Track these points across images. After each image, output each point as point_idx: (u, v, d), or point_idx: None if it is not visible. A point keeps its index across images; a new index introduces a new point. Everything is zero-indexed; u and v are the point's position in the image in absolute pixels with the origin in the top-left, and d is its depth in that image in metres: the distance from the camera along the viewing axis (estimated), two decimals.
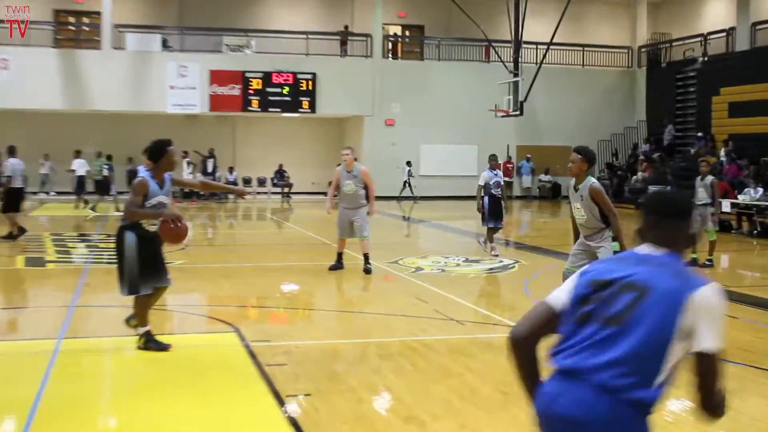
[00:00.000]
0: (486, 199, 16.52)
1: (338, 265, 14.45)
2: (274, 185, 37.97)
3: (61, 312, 10.76)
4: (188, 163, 34.11)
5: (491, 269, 15.14)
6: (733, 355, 8.54)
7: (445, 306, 11.21)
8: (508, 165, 37.57)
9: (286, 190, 37.55)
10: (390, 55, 38.39)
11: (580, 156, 9.12)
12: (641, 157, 35.37)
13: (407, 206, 32.96)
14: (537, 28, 35.99)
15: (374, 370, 7.91)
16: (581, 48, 39.41)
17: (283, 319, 10.78)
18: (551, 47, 34.13)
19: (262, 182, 38.19)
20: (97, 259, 16.04)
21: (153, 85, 33.90)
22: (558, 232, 23.53)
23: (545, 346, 3.53)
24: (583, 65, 39.47)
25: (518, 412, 6.66)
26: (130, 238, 8.12)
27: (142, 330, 8.37)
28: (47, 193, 34.00)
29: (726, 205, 23.54)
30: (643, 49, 40.31)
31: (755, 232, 22.11)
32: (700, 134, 33.74)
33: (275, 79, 35.29)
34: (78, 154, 31.28)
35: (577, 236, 9.44)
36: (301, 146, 39.20)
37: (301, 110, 35.82)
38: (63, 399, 6.92)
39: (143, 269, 8.13)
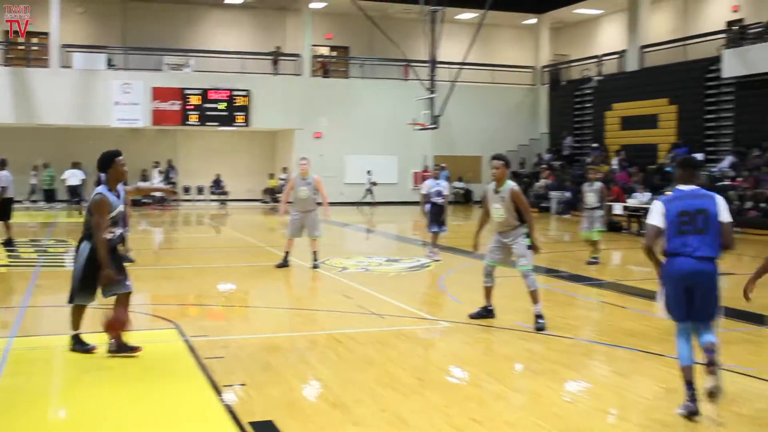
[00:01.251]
0: (428, 206, 16.61)
1: (285, 264, 14.72)
2: (212, 193, 37.66)
3: (12, 312, 10.56)
4: (159, 172, 34.84)
5: (410, 268, 15.26)
6: (623, 341, 8.80)
7: (368, 301, 11.28)
8: (425, 174, 37.83)
9: (222, 197, 37.29)
10: (318, 74, 38.37)
11: (502, 162, 9.60)
12: (544, 166, 36.02)
13: (368, 211, 33.33)
14: (451, 49, 36.34)
15: (304, 361, 7.94)
16: (490, 67, 39.87)
17: (220, 316, 10.74)
18: (464, 67, 34.49)
19: (200, 190, 37.83)
20: (47, 263, 15.74)
21: (98, 101, 33.35)
22: (470, 233, 23.76)
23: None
24: (492, 83, 39.93)
25: (432, 395, 6.77)
26: (84, 249, 7.89)
27: (73, 332, 8.15)
28: (35, 201, 33.54)
29: (618, 208, 24.08)
30: (545, 69, 40.94)
31: (642, 231, 22.62)
32: (595, 145, 34.40)
33: (212, 96, 35.04)
34: (75, 165, 31.57)
35: (480, 232, 10.00)
36: (236, 157, 38.95)
37: (236, 124, 35.59)
38: (14, 393, 6.83)
39: (85, 281, 7.87)
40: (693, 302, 6.20)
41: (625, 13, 36.18)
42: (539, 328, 9.29)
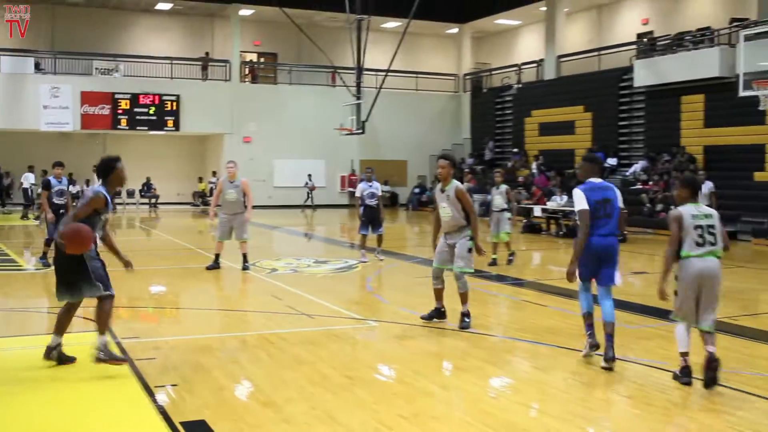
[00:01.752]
0: (362, 208, 16.55)
1: (215, 266, 14.64)
2: (142, 196, 37.04)
3: None
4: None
5: (338, 269, 15.26)
6: (544, 338, 8.94)
7: (298, 302, 11.24)
8: (353, 177, 37.89)
9: (153, 201, 36.70)
10: (247, 80, 38.09)
11: (447, 162, 9.35)
12: (467, 170, 36.29)
13: (309, 215, 33.19)
14: (377, 57, 36.43)
15: (235, 361, 7.87)
16: (415, 75, 40.12)
17: (151, 318, 10.57)
18: (389, 74, 34.62)
19: (130, 194, 37.16)
20: None
21: (27, 104, 32.52)
22: (395, 235, 23.82)
23: None
24: (416, 90, 40.17)
25: (361, 392, 6.78)
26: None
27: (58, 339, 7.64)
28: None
29: (537, 211, 24.46)
30: (467, 77, 41.35)
31: (561, 233, 23.02)
32: (515, 150, 34.88)
33: (142, 100, 34.47)
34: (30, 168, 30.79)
35: (437, 234, 9.70)
36: (166, 161, 38.43)
37: (166, 128, 35.09)
38: None
39: (91, 274, 7.44)
40: (600, 268, 7.83)
41: (542, 24, 36.78)
42: (464, 327, 9.32)
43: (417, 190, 37.66)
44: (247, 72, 38.25)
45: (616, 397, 6.84)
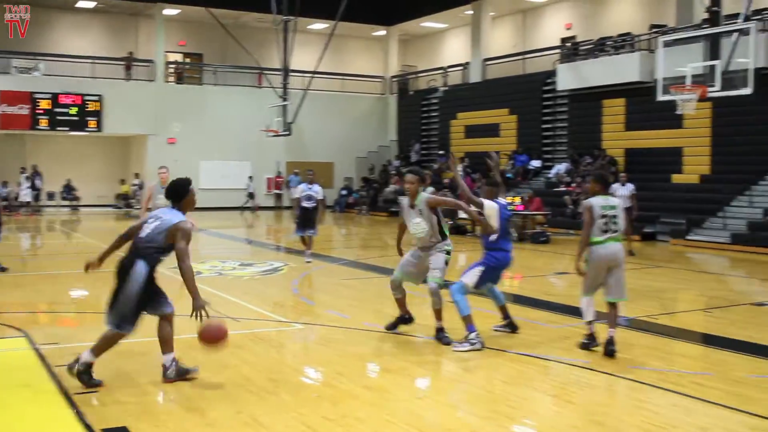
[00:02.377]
0: (299, 210, 16.49)
1: None
2: (63, 198, 36.20)
3: None
4: (26, 178, 33.84)
5: (264, 271, 15.16)
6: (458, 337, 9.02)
7: (223, 306, 11.12)
8: (278, 179, 37.71)
9: (74, 203, 35.90)
10: (171, 80, 37.56)
11: (416, 177, 8.82)
12: (393, 172, 36.47)
13: (249, 216, 32.88)
14: (303, 58, 36.33)
15: (158, 366, 7.73)
16: (341, 77, 40.11)
17: (72, 323, 10.33)
18: (315, 75, 34.55)
19: (51, 196, 36.26)
20: None
21: None
22: (322, 237, 23.77)
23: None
24: (343, 91, 40.17)
25: (286, 396, 6.75)
26: (140, 270, 7.06)
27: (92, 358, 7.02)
28: None
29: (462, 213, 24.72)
30: (394, 79, 41.51)
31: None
32: (441, 152, 35.14)
33: (63, 100, 33.68)
34: None
35: (400, 240, 9.47)
36: (88, 162, 37.63)
37: (88, 129, 34.36)
38: None
39: (139, 306, 7.04)
40: (500, 276, 9.15)
41: (468, 28, 37.16)
42: (447, 343, 8.64)
43: (344, 192, 37.66)
44: (171, 72, 37.72)
45: (539, 395, 6.95)
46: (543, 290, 13.47)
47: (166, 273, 9.09)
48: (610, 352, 8.12)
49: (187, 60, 40.28)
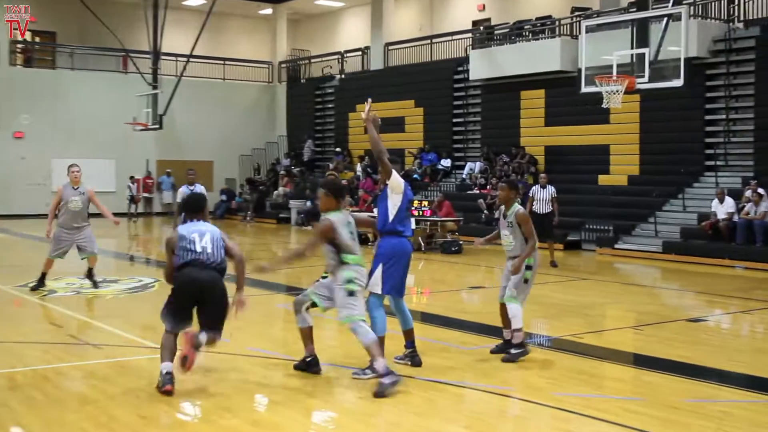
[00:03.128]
0: (183, 216, 16.24)
1: (41, 285, 14.26)
2: None
3: None
4: None
5: (130, 289, 14.86)
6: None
7: (82, 330, 10.86)
8: (148, 180, 37.09)
9: None
10: (18, 62, 36.50)
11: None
12: (282, 172, 36.35)
13: (130, 224, 32.22)
14: (177, 40, 35.88)
15: (2, 404, 7.48)
16: (222, 61, 39.76)
17: None
18: (191, 59, 34.13)
19: None
20: None
21: None
22: None
23: None
24: (224, 79, 39.83)
25: None
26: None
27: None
28: None
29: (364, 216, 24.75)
30: (283, 65, 41.42)
31: None
32: (338, 150, 35.19)
33: None
34: None
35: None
36: None
37: None
38: None
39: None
40: (404, 272, 8.71)
41: (368, 7, 37.37)
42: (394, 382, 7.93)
43: (224, 197, 37.24)
44: (18, 53, 36.67)
45: (453, 428, 6.98)
46: (455, 307, 13.59)
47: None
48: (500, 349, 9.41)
49: (37, 39, 39.23)
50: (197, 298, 7.95)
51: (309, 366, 8.65)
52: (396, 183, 8.64)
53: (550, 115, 27.88)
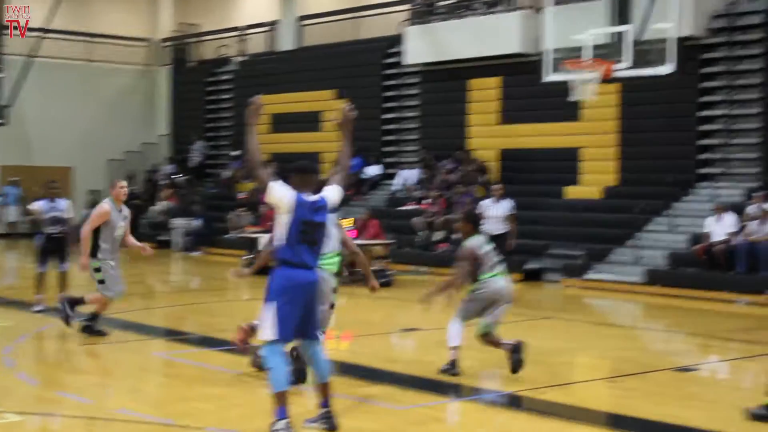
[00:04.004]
0: (38, 236, 15.97)
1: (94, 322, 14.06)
2: None
3: None
4: None
5: None
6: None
7: None
8: None
9: None
10: None
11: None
12: (164, 182, 36.02)
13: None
14: (29, 9, 35.41)
15: None
16: (86, 38, 39.29)
17: None
18: (47, 36, 33.73)
19: None
20: None
21: None
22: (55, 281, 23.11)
23: None
24: (90, 61, 39.34)
25: None
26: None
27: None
28: None
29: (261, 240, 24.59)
30: (166, 44, 41.13)
31: None
32: (236, 153, 34.99)
33: None
34: None
35: None
36: None
37: None
38: None
39: None
40: (299, 309, 8.55)
41: None
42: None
43: (84, 213, 36.68)
44: None
45: None
46: (384, 355, 13.56)
47: None
48: (516, 361, 11.31)
49: None
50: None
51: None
52: (277, 198, 8.42)
53: (506, 109, 28.03)
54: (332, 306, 10.79)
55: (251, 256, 24.42)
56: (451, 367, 11.31)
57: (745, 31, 23.98)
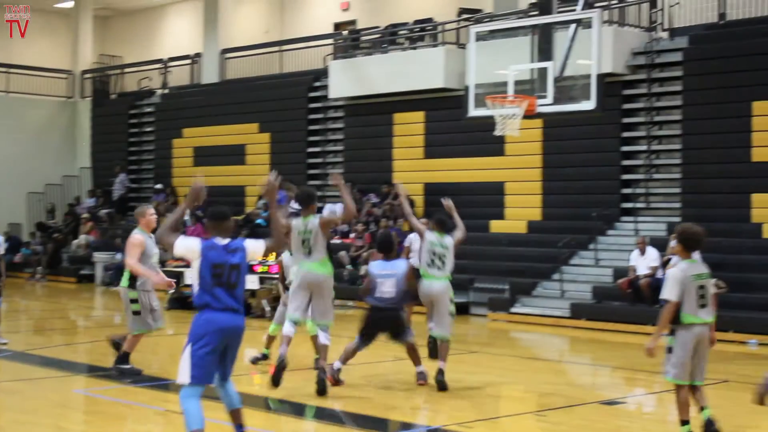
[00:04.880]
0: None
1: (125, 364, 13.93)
2: None
3: None
4: None
5: None
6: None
7: None
8: None
9: None
10: None
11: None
12: (85, 215, 35.68)
13: None
14: None
15: None
16: (6, 69, 38.88)
17: None
18: None
19: None
20: None
21: None
22: None
23: None
24: (7, 92, 38.93)
25: None
26: None
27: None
28: None
29: (191, 276, 24.34)
30: (87, 75, 40.79)
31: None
32: (159, 186, 34.75)
33: None
34: None
35: None
36: None
37: None
38: None
39: None
40: (217, 354, 8.68)
41: (200, 3, 37.25)
42: None
43: (6, 245, 36.21)
44: None
45: None
46: (303, 391, 13.50)
47: None
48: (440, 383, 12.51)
49: None
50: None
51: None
52: (184, 250, 8.79)
53: (430, 144, 28.17)
54: None
55: (173, 291, 24.28)
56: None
57: (664, 67, 24.40)
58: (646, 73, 24.32)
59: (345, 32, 33.29)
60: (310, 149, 31.69)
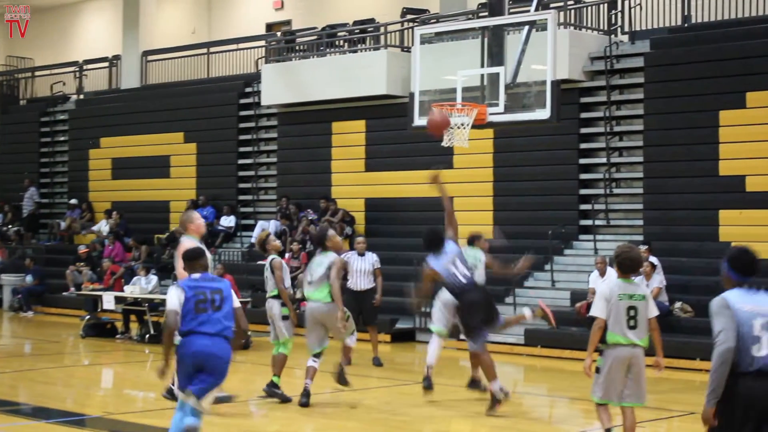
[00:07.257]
0: None
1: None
2: None
3: None
4: None
5: None
6: None
7: None
8: None
9: None
10: None
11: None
12: None
13: None
14: None
15: None
16: None
17: None
18: None
19: None
20: None
21: None
22: None
23: None
24: None
25: None
26: None
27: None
28: None
29: (109, 300, 24.17)
30: None
31: (147, 335, 22.83)
32: (73, 201, 34.49)
33: None
34: None
35: None
36: None
37: None
38: None
39: None
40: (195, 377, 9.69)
41: (119, 2, 37.07)
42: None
43: None
44: None
45: None
46: (239, 427, 13.49)
47: None
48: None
49: None
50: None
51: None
52: (174, 302, 9.77)
53: (372, 155, 28.18)
54: None
55: (90, 316, 24.11)
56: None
57: (624, 74, 24.54)
58: (605, 80, 24.41)
59: (278, 33, 33.22)
60: (241, 161, 31.61)
